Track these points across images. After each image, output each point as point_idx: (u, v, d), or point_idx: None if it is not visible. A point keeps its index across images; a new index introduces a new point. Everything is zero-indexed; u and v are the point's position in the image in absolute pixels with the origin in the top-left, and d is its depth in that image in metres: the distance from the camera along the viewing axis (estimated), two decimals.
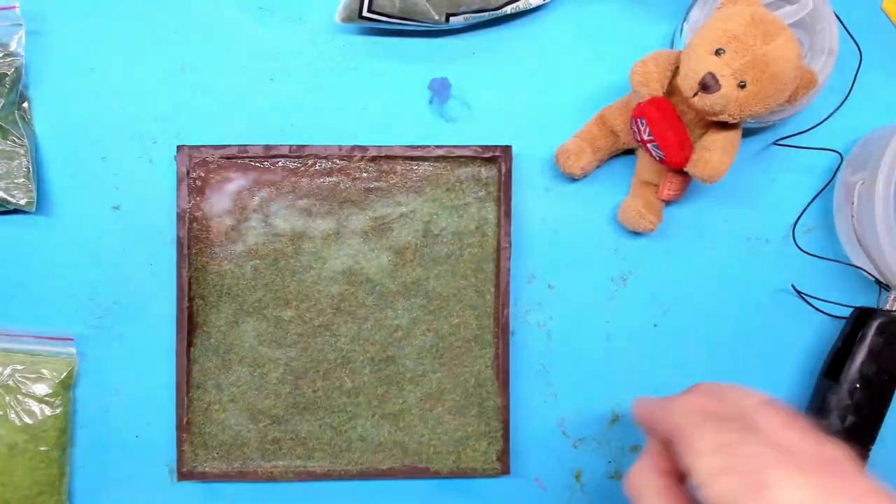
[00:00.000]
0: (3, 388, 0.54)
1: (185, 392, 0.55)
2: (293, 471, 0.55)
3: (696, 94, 0.46)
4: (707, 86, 0.46)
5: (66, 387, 0.55)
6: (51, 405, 0.54)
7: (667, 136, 0.48)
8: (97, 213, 0.56)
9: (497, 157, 0.55)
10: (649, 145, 0.50)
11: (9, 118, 0.53)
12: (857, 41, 0.56)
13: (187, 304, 0.54)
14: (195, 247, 0.55)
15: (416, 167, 0.55)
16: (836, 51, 0.52)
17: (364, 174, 0.55)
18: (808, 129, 0.56)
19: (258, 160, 0.55)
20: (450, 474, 0.56)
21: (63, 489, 0.55)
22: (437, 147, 0.55)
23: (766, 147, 0.57)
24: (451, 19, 0.53)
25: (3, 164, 0.53)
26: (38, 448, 0.54)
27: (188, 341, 0.54)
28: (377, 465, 0.56)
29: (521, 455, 0.57)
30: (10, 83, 0.53)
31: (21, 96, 0.54)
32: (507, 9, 0.54)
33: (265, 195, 0.55)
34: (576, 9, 0.57)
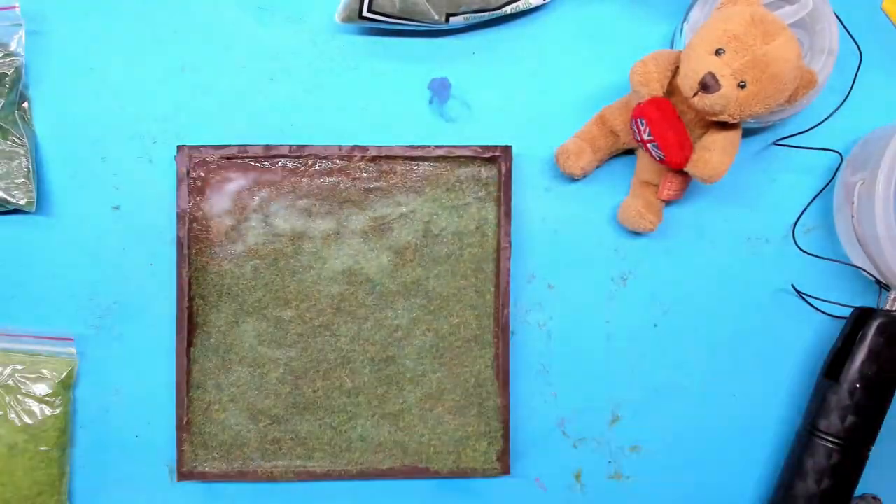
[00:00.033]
0: (3, 388, 0.54)
1: (185, 392, 0.55)
2: (293, 471, 0.55)
3: (696, 94, 0.46)
4: (707, 86, 0.46)
5: (66, 387, 0.55)
6: (51, 405, 0.54)
7: (667, 136, 0.48)
8: (97, 213, 0.56)
9: (497, 157, 0.55)
10: (649, 145, 0.50)
11: (9, 118, 0.53)
12: (857, 41, 0.56)
13: (187, 304, 0.54)
14: (195, 247, 0.55)
15: (416, 167, 0.55)
16: (836, 51, 0.52)
17: (364, 174, 0.55)
18: (808, 129, 0.56)
19: (258, 160, 0.55)
20: (450, 474, 0.56)
21: (63, 489, 0.55)
22: (437, 147, 0.55)
23: (766, 147, 0.57)
24: (451, 19, 0.53)
25: (3, 164, 0.53)
26: (38, 448, 0.54)
27: (188, 341, 0.54)
28: (377, 465, 0.56)
29: (521, 455, 0.57)
30: (10, 83, 0.53)
31: (21, 96, 0.54)
32: (507, 9, 0.54)
33: (265, 195, 0.55)
34: (576, 9, 0.57)
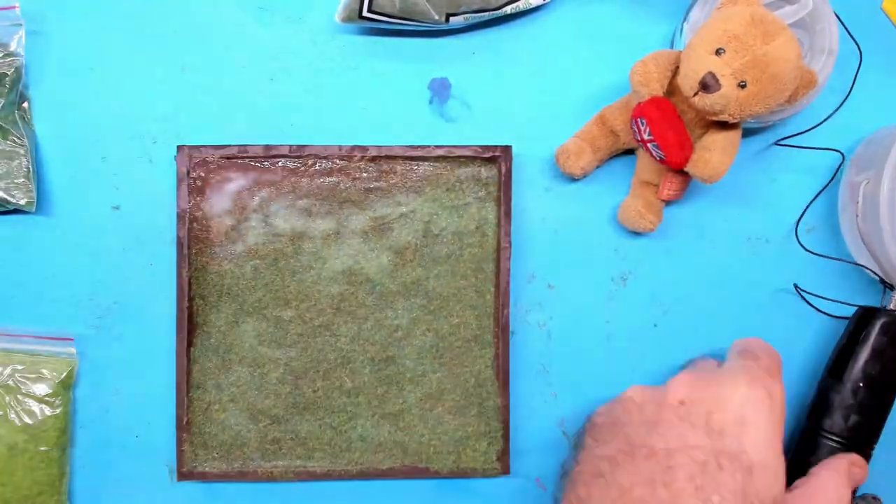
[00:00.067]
0: (3, 388, 0.54)
1: (185, 392, 0.55)
2: (293, 471, 0.55)
3: (696, 94, 0.46)
4: (707, 85, 0.46)
5: (66, 387, 0.55)
6: (51, 405, 0.54)
7: (667, 136, 0.48)
8: (97, 213, 0.56)
9: (497, 157, 0.55)
10: (649, 145, 0.50)
11: (9, 118, 0.53)
12: (857, 41, 0.56)
13: (187, 304, 0.54)
14: (195, 247, 0.55)
15: (416, 167, 0.55)
16: (836, 51, 0.52)
17: (364, 174, 0.55)
18: (808, 130, 0.56)
19: (258, 160, 0.55)
20: (450, 474, 0.56)
21: (63, 489, 0.55)
22: (437, 147, 0.55)
23: (766, 147, 0.57)
24: (451, 19, 0.53)
25: (3, 164, 0.53)
26: (38, 448, 0.54)
27: (188, 341, 0.54)
28: (377, 465, 0.56)
29: (521, 455, 0.57)
30: (10, 83, 0.53)
31: (21, 96, 0.54)
32: (507, 9, 0.54)
33: (265, 195, 0.55)
34: (576, 9, 0.57)
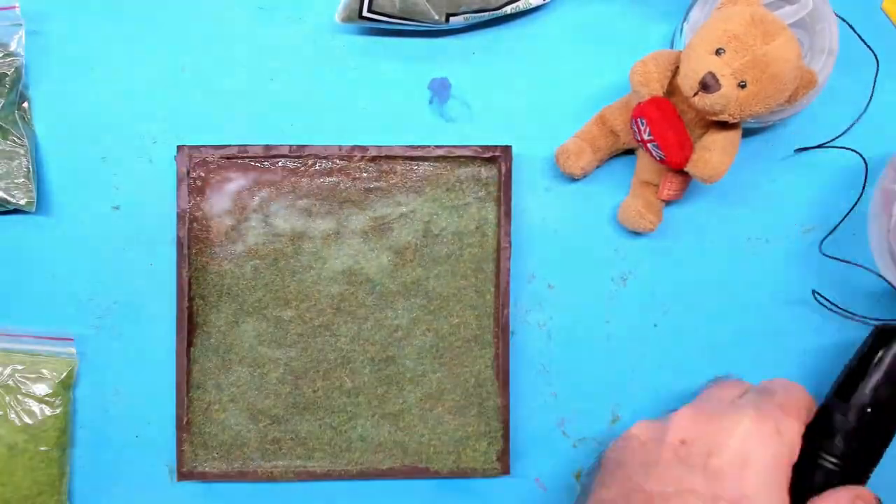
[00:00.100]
0: (3, 388, 0.54)
1: (185, 392, 0.55)
2: (293, 471, 0.55)
3: (696, 94, 0.46)
4: (707, 85, 0.45)
5: (66, 387, 0.55)
6: (51, 405, 0.54)
7: (667, 136, 0.48)
8: (97, 213, 0.56)
9: (497, 157, 0.55)
10: (649, 145, 0.50)
11: (9, 118, 0.53)
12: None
13: (187, 304, 0.54)
14: (195, 247, 0.55)
15: (416, 167, 0.55)
16: (836, 51, 0.52)
17: (364, 174, 0.55)
18: (834, 139, 0.54)
19: (258, 160, 0.55)
20: (450, 474, 0.56)
21: (63, 489, 0.55)
22: (437, 147, 0.55)
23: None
24: (451, 19, 0.53)
25: (3, 164, 0.53)
26: (38, 448, 0.54)
27: (188, 341, 0.54)
28: (377, 465, 0.56)
29: (521, 455, 0.57)
30: (10, 83, 0.53)
31: (21, 96, 0.54)
32: (507, 9, 0.54)
33: (265, 195, 0.55)
34: (576, 9, 0.57)
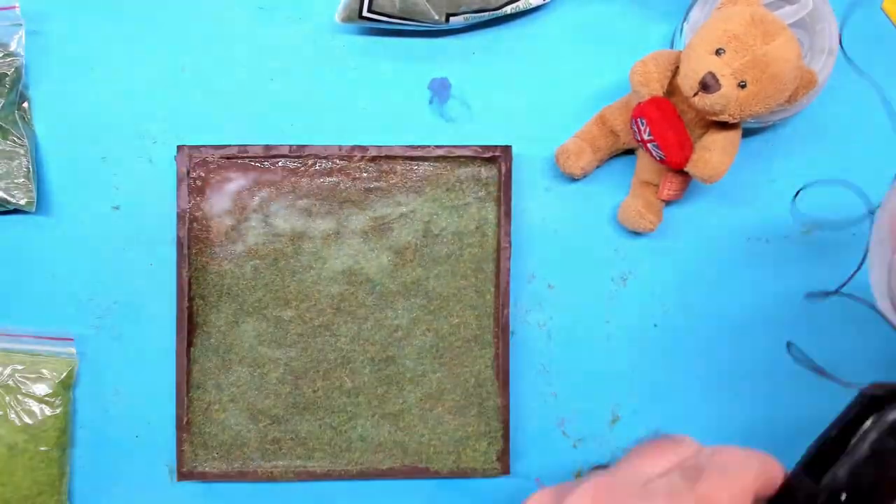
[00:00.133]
0: (3, 388, 0.54)
1: (185, 392, 0.55)
2: (293, 471, 0.55)
3: (696, 94, 0.46)
4: (707, 85, 0.46)
5: (66, 387, 0.55)
6: (51, 405, 0.54)
7: (667, 136, 0.48)
8: (97, 213, 0.56)
9: (497, 157, 0.55)
10: (649, 145, 0.50)
11: (9, 118, 0.53)
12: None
13: (187, 304, 0.54)
14: (195, 247, 0.55)
15: (416, 167, 0.55)
16: (836, 51, 0.52)
17: (364, 174, 0.55)
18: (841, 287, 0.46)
19: (258, 160, 0.55)
20: (450, 474, 0.56)
21: (63, 489, 0.55)
22: (437, 147, 0.55)
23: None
24: (451, 19, 0.53)
25: (3, 164, 0.53)
26: (38, 448, 0.54)
27: (188, 341, 0.54)
28: (377, 465, 0.56)
29: (521, 455, 0.57)
30: (10, 83, 0.53)
31: (21, 96, 0.54)
32: (507, 9, 0.54)
33: (265, 195, 0.55)
34: (576, 9, 0.57)
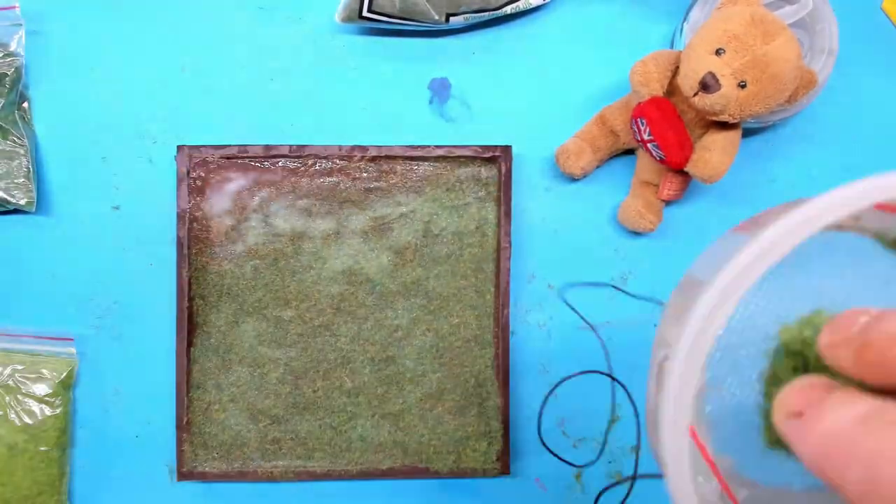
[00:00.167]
0: (3, 388, 0.54)
1: (185, 392, 0.55)
2: (293, 471, 0.55)
3: (696, 94, 0.46)
4: (707, 85, 0.46)
5: (66, 387, 0.55)
6: (51, 405, 0.54)
7: (667, 136, 0.48)
8: (97, 213, 0.56)
9: (497, 157, 0.55)
10: (649, 145, 0.50)
11: (9, 118, 0.53)
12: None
13: (187, 304, 0.54)
14: (195, 247, 0.54)
15: (416, 167, 0.55)
16: (836, 51, 0.52)
17: (364, 174, 0.55)
18: None
19: (258, 160, 0.55)
20: (450, 474, 0.56)
21: (63, 489, 0.55)
22: (437, 147, 0.55)
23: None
24: (451, 19, 0.53)
25: (3, 164, 0.53)
26: (38, 448, 0.54)
27: (188, 341, 0.54)
28: (377, 465, 0.56)
29: (521, 455, 0.57)
30: (10, 83, 0.53)
31: (21, 96, 0.54)
32: (507, 9, 0.54)
33: (265, 195, 0.55)
34: (576, 9, 0.57)
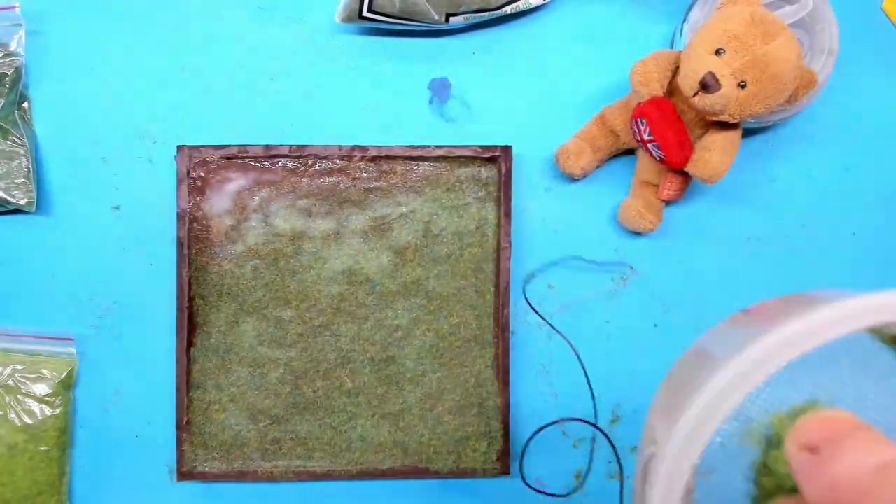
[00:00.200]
0: (3, 388, 0.54)
1: (185, 392, 0.55)
2: (293, 471, 0.55)
3: (696, 94, 0.46)
4: (707, 85, 0.46)
5: (66, 387, 0.55)
6: (51, 405, 0.54)
7: (667, 136, 0.48)
8: (97, 213, 0.56)
9: (497, 157, 0.55)
10: (649, 145, 0.50)
11: (9, 118, 0.53)
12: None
13: (187, 304, 0.54)
14: (195, 247, 0.54)
15: (416, 167, 0.55)
16: (836, 51, 0.52)
17: (364, 174, 0.55)
18: None
19: (258, 160, 0.55)
20: (450, 474, 0.56)
21: (63, 489, 0.55)
22: (437, 147, 0.55)
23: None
24: (451, 19, 0.53)
25: (3, 164, 0.53)
26: (38, 448, 0.54)
27: (188, 341, 0.54)
28: (377, 465, 0.56)
29: (521, 455, 0.57)
30: (10, 83, 0.53)
31: (21, 96, 0.54)
32: (507, 9, 0.54)
33: (265, 195, 0.55)
34: (576, 9, 0.57)
